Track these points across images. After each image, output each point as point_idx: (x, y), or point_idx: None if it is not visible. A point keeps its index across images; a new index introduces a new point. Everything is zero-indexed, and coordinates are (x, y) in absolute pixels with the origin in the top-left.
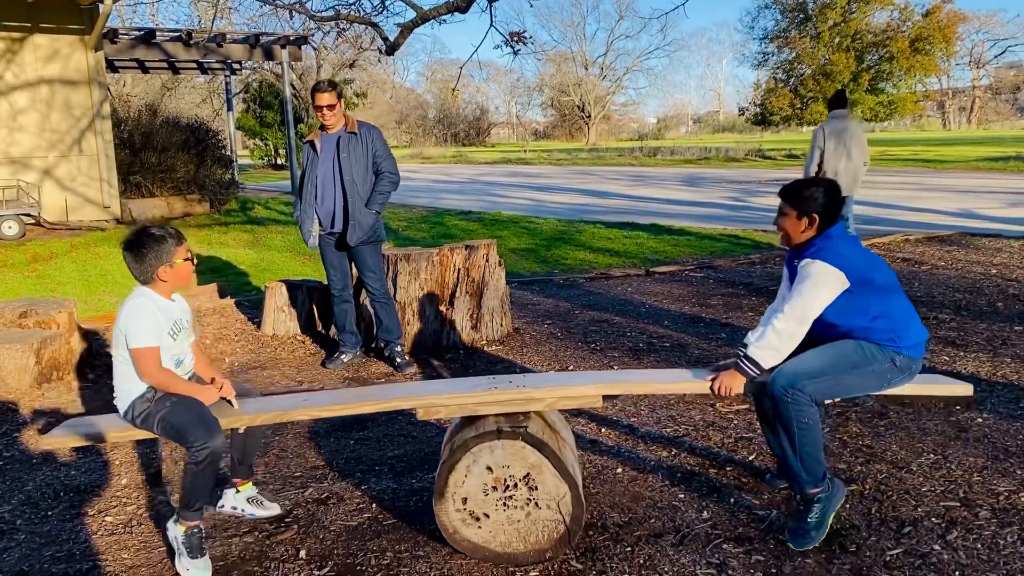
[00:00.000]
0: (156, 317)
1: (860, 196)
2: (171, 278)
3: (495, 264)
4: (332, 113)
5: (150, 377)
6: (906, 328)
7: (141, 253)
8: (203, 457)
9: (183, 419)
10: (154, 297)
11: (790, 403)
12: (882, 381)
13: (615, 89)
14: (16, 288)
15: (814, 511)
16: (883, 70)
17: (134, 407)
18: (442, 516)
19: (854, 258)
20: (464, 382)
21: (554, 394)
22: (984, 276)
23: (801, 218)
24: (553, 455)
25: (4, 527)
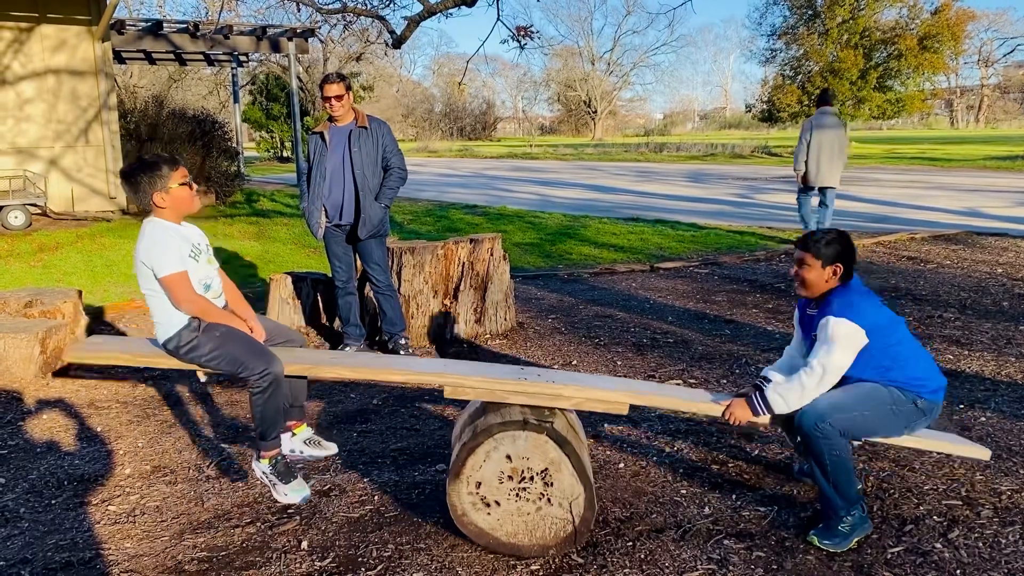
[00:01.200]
0: (172, 241)
1: (867, 194)
2: (169, 203)
3: (499, 258)
4: (340, 104)
5: (187, 303)
6: (925, 374)
7: (135, 180)
8: (268, 383)
9: (238, 350)
10: (164, 224)
11: (820, 437)
12: (905, 423)
13: (621, 84)
14: (22, 278)
15: (846, 522)
16: (891, 67)
17: (180, 337)
18: (453, 496)
19: (872, 314)
20: (493, 367)
21: (583, 394)
22: (990, 275)
23: (826, 267)
24: (574, 454)
25: (8, 515)
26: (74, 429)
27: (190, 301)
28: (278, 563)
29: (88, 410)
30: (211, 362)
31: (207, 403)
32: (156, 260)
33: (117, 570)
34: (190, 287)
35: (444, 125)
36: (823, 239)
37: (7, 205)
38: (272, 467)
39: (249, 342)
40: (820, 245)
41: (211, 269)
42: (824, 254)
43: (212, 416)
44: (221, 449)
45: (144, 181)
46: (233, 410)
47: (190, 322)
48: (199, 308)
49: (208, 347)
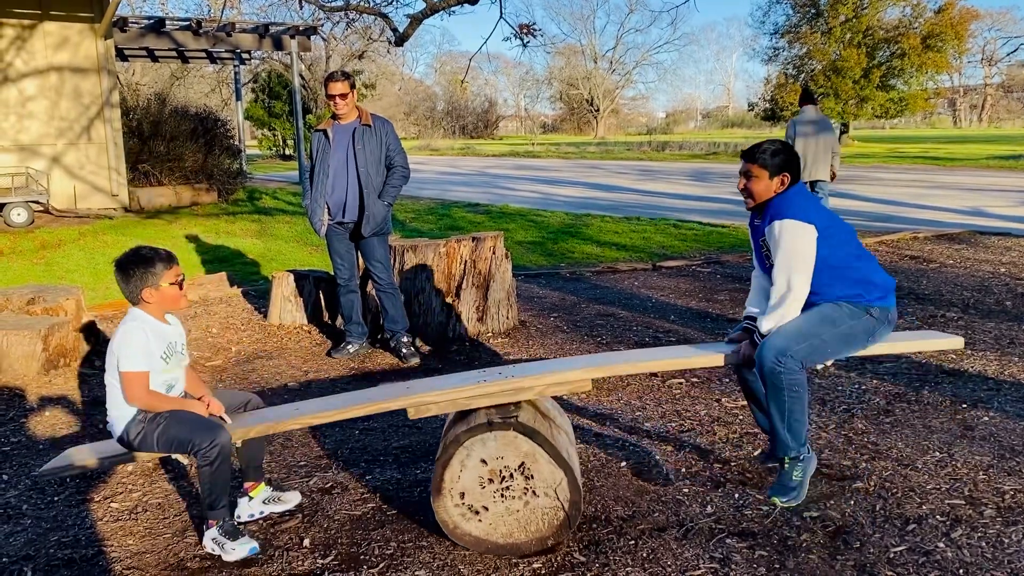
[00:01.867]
0: (148, 341)
1: (870, 193)
2: (156, 300)
3: (502, 256)
4: (345, 102)
5: (137, 400)
6: (873, 278)
7: (128, 273)
8: (215, 455)
9: (183, 428)
10: (147, 320)
11: (782, 371)
12: (866, 335)
13: (624, 83)
14: (24, 275)
15: (797, 470)
16: (894, 66)
17: (128, 431)
18: (441, 513)
19: (814, 213)
20: (454, 377)
21: (543, 381)
22: (993, 275)
23: (773, 177)
24: (546, 442)
25: (11, 512)
26: (76, 426)
27: (140, 399)
28: (280, 560)
29: (90, 407)
30: (163, 448)
31: None
32: (123, 354)
33: (119, 567)
34: (145, 386)
35: (446, 123)
36: (769, 149)
37: (10, 202)
38: (220, 531)
39: (193, 420)
40: (767, 156)
41: (179, 372)
42: (771, 164)
43: None
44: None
45: (137, 275)
46: None
47: (136, 414)
48: (147, 404)
49: (155, 434)
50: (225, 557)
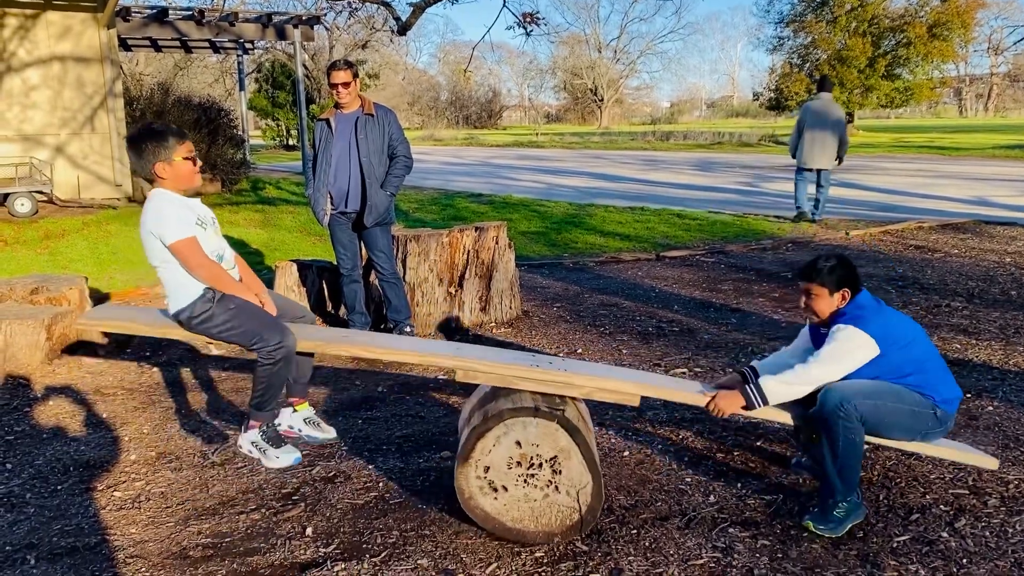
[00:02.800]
0: (177, 209)
1: (875, 183)
2: (170, 175)
3: (505, 246)
4: (347, 91)
5: (200, 267)
6: (943, 384)
7: (140, 147)
8: (279, 356)
9: (253, 321)
10: (167, 194)
11: (841, 418)
12: (922, 427)
13: (628, 72)
14: (28, 265)
15: (841, 507)
16: (900, 56)
17: (193, 308)
18: (461, 480)
19: (882, 323)
20: (504, 353)
21: (594, 383)
22: (998, 264)
23: (834, 294)
24: (584, 443)
25: (14, 501)
26: (80, 415)
27: (203, 266)
28: (282, 549)
29: (94, 396)
30: (224, 333)
31: (212, 390)
32: (164, 228)
33: (122, 555)
34: (202, 252)
35: (450, 113)
36: (825, 267)
37: (13, 192)
38: (263, 434)
39: (263, 315)
40: (824, 274)
41: (221, 241)
42: (830, 282)
43: (217, 403)
44: (226, 436)
45: (148, 148)
46: (239, 397)
47: (205, 292)
48: (213, 274)
49: (222, 318)
50: (266, 463)
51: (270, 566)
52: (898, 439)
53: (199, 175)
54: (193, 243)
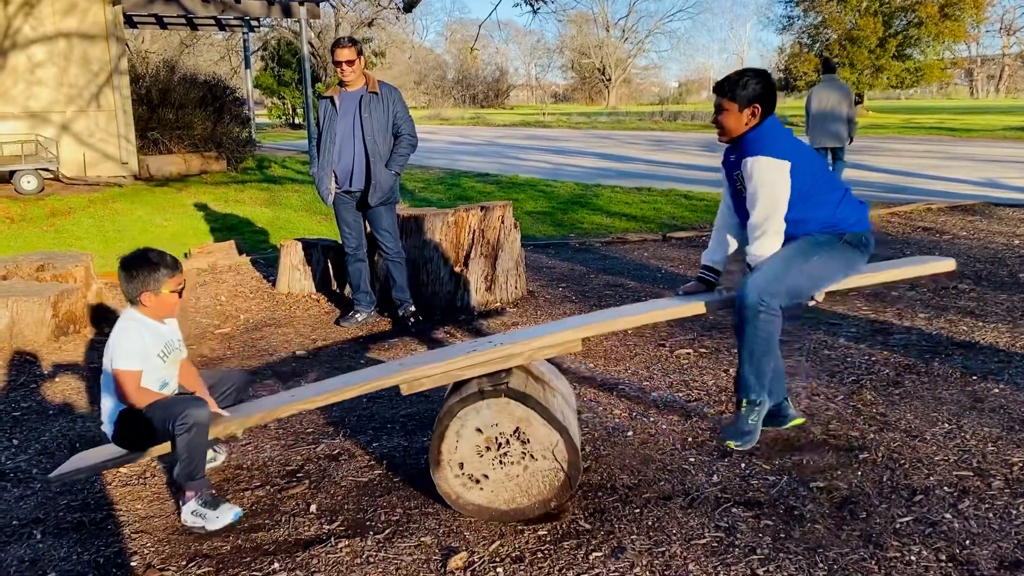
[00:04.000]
0: (144, 339)
1: (883, 164)
2: (153, 305)
3: (510, 226)
4: (351, 69)
5: (129, 399)
6: (846, 207)
7: (132, 274)
8: (190, 422)
9: (161, 412)
10: (143, 320)
11: (762, 312)
12: (845, 263)
13: (636, 52)
14: (34, 242)
15: (753, 414)
16: (911, 36)
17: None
18: (443, 485)
19: (790, 147)
20: (447, 350)
21: (532, 345)
22: (1006, 246)
23: (743, 109)
24: (538, 405)
25: (21, 476)
26: (86, 392)
27: (131, 397)
28: (287, 526)
29: (99, 374)
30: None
31: (220, 366)
32: (117, 352)
33: (128, 531)
34: (137, 385)
35: (456, 92)
36: (739, 81)
37: (20, 169)
38: (201, 502)
39: (168, 401)
40: (737, 87)
41: (172, 371)
42: (740, 96)
43: None
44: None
45: (140, 277)
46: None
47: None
48: (137, 403)
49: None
50: (209, 527)
51: (274, 542)
52: (831, 283)
53: (178, 306)
54: (134, 378)
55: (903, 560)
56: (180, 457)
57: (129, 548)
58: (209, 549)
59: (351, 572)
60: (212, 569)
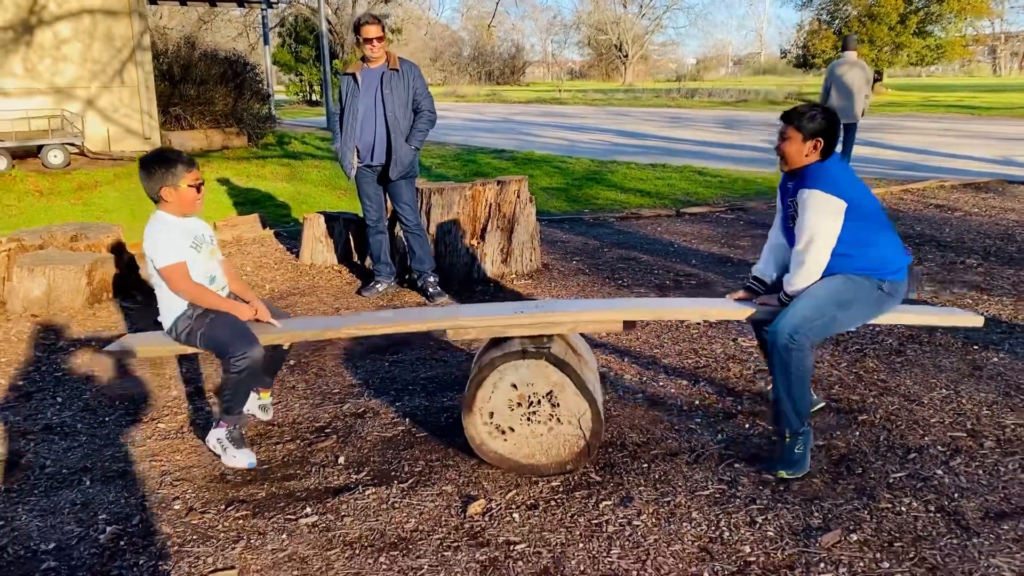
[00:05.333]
0: (172, 234)
1: (900, 142)
2: (174, 200)
3: (526, 200)
4: (380, 45)
5: (181, 291)
6: (889, 255)
7: (151, 170)
8: (243, 366)
9: (223, 333)
10: (167, 218)
11: (794, 350)
12: (876, 309)
13: (654, 28)
14: (64, 214)
15: (799, 444)
16: (932, 12)
17: (177, 325)
18: (470, 429)
19: (846, 185)
20: (493, 307)
21: (577, 318)
22: (1017, 223)
23: (806, 141)
24: (575, 374)
25: (66, 430)
26: None
27: (185, 290)
28: (317, 475)
29: None
30: (203, 345)
31: None
32: (154, 252)
33: (169, 479)
34: (185, 276)
35: (472, 69)
36: (807, 113)
37: (47, 144)
38: (228, 434)
39: (234, 325)
40: (803, 119)
41: (214, 262)
42: (805, 128)
43: None
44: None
45: (158, 173)
46: None
47: (186, 310)
48: (192, 294)
49: (199, 332)
50: (224, 460)
51: (306, 490)
52: (857, 325)
53: (200, 202)
54: (180, 268)
55: (894, 511)
56: (225, 389)
57: (172, 494)
58: (245, 495)
59: (378, 516)
60: (249, 512)
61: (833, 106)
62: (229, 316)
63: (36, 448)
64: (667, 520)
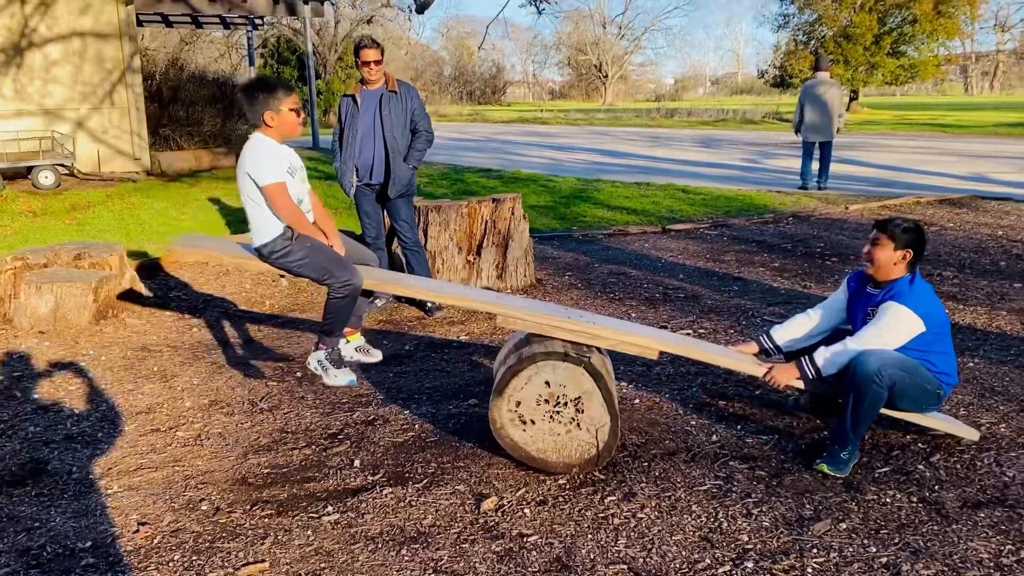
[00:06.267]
0: (274, 155)
1: (876, 159)
2: (276, 123)
3: (520, 217)
4: (379, 68)
5: (285, 210)
6: (951, 368)
7: (252, 96)
8: (347, 292)
9: (326, 260)
10: (267, 140)
11: (875, 383)
12: (927, 403)
13: (633, 49)
14: (59, 234)
15: (847, 451)
16: (906, 33)
17: (275, 243)
18: (495, 412)
19: (930, 305)
20: (539, 304)
21: (619, 336)
22: (990, 237)
23: (898, 250)
24: (605, 388)
25: (87, 439)
26: (131, 369)
27: (287, 208)
28: (335, 478)
29: (142, 353)
30: (299, 268)
31: (251, 346)
32: (260, 170)
33: (194, 482)
34: (288, 197)
35: (453, 89)
36: (901, 224)
37: (37, 165)
38: (327, 356)
39: (334, 255)
40: (897, 229)
41: (303, 189)
42: (899, 237)
43: (258, 356)
44: (271, 387)
45: (260, 98)
46: (277, 352)
47: (284, 231)
48: (294, 217)
49: (299, 255)
50: (326, 380)
51: (326, 490)
52: (904, 410)
53: (300, 125)
54: (282, 188)
55: (879, 502)
56: (327, 313)
57: (198, 495)
58: (268, 496)
59: (396, 513)
60: (273, 511)
61: (808, 124)
62: (326, 246)
63: (60, 456)
64: (669, 513)
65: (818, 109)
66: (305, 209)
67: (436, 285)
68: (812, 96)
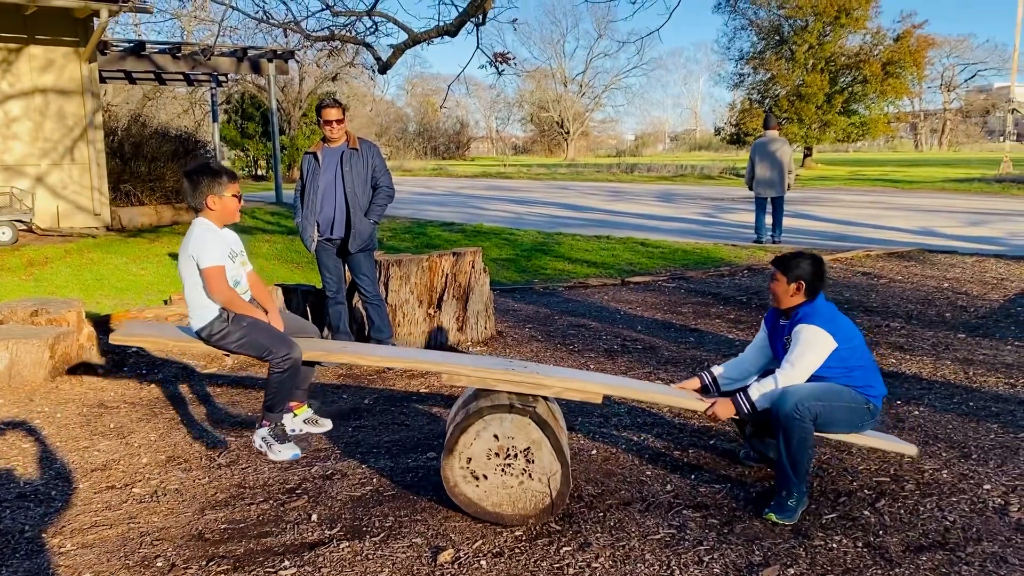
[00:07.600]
0: (216, 239)
1: (828, 214)
2: (219, 208)
3: (480, 270)
4: (340, 127)
5: (220, 293)
6: (875, 380)
7: (197, 180)
8: (287, 366)
9: (264, 338)
10: (211, 224)
11: (796, 419)
12: (859, 422)
13: (594, 106)
14: (15, 291)
15: (793, 497)
16: (856, 92)
17: (212, 326)
18: (447, 470)
19: (836, 321)
20: (484, 359)
21: (562, 384)
22: (937, 289)
23: (790, 284)
24: (553, 436)
25: (41, 497)
26: (88, 426)
27: (221, 292)
28: (292, 532)
29: (98, 409)
30: (239, 348)
31: (209, 403)
32: (201, 253)
33: (150, 538)
34: (224, 281)
35: (418, 144)
36: (793, 259)
37: None
38: (271, 432)
39: (272, 330)
40: (788, 263)
41: (241, 271)
42: (790, 271)
43: (214, 414)
44: (227, 442)
45: (204, 183)
46: (234, 408)
47: (221, 312)
48: (228, 299)
49: (236, 335)
50: (271, 456)
51: (283, 545)
52: (839, 432)
53: (239, 212)
54: (220, 272)
55: (826, 547)
56: (269, 389)
57: (153, 552)
58: (225, 551)
59: (353, 568)
60: (230, 567)
61: (759, 179)
62: (263, 322)
63: (12, 514)
64: (623, 562)
65: (768, 165)
66: (242, 290)
67: (379, 351)
68: (763, 153)
